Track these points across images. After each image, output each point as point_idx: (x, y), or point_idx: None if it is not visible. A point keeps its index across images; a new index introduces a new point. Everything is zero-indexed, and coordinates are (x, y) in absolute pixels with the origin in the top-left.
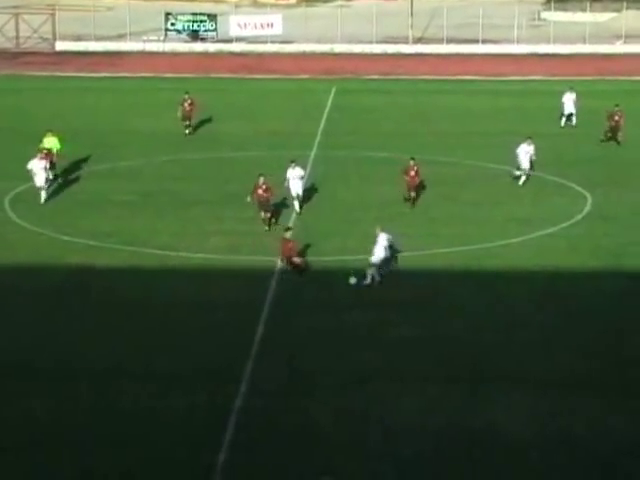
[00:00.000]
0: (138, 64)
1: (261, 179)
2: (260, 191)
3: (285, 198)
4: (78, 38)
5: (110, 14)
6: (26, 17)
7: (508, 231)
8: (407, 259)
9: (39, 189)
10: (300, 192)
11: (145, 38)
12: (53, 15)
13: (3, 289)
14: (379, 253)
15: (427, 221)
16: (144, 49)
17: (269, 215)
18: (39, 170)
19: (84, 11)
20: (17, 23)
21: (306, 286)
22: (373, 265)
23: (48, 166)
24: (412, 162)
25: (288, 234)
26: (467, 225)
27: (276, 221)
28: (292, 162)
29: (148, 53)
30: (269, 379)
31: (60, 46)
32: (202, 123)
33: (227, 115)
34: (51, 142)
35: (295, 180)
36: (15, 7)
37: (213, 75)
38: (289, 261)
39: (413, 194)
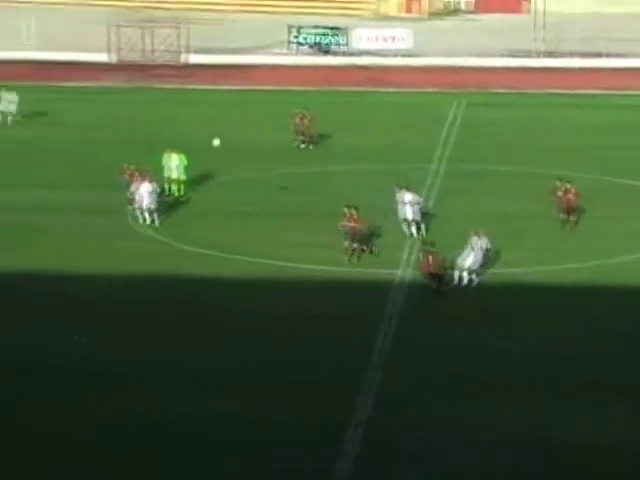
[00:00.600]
0: (263, 77)
1: (349, 210)
2: (349, 222)
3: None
4: (207, 51)
5: (237, 27)
6: (157, 31)
7: (632, 247)
8: (537, 273)
9: (149, 211)
10: (416, 217)
11: (271, 51)
12: (183, 28)
13: (129, 299)
14: (469, 256)
15: (554, 236)
16: (269, 62)
17: (356, 246)
18: (147, 194)
19: (212, 24)
20: (148, 36)
21: (425, 299)
22: (464, 268)
23: (158, 190)
24: (559, 183)
25: (429, 247)
26: (594, 239)
27: (372, 251)
28: (401, 186)
29: (273, 66)
30: (390, 391)
31: (189, 59)
32: (326, 136)
33: (351, 128)
34: (174, 161)
35: (406, 205)
36: (145, 21)
37: (338, 88)
38: (429, 275)
39: (569, 217)
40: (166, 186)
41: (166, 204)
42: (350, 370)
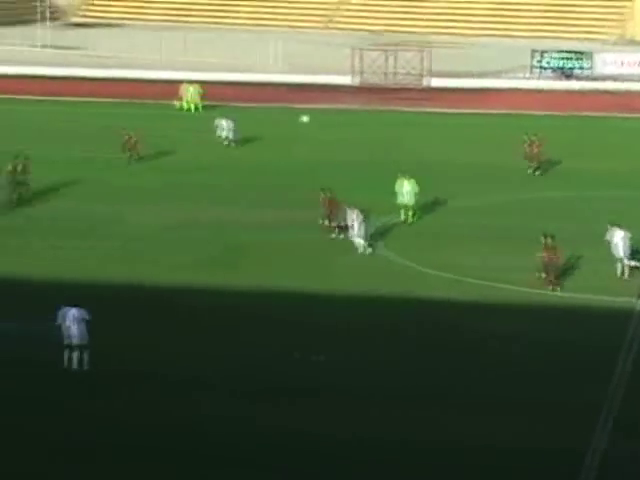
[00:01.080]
0: (504, 100)
1: (546, 239)
2: (545, 251)
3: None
4: (448, 75)
5: (479, 51)
6: (400, 54)
7: None
8: None
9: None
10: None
11: (513, 75)
12: (425, 52)
13: (364, 322)
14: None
15: None
16: (510, 86)
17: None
18: (357, 224)
19: (455, 48)
20: (391, 60)
21: None
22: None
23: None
24: None
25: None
26: None
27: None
28: (614, 225)
29: (514, 90)
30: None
31: (431, 82)
32: (560, 160)
33: (592, 153)
34: (406, 187)
35: (617, 243)
36: (389, 44)
37: (581, 113)
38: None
39: None
40: (401, 212)
41: (401, 226)
42: (587, 394)
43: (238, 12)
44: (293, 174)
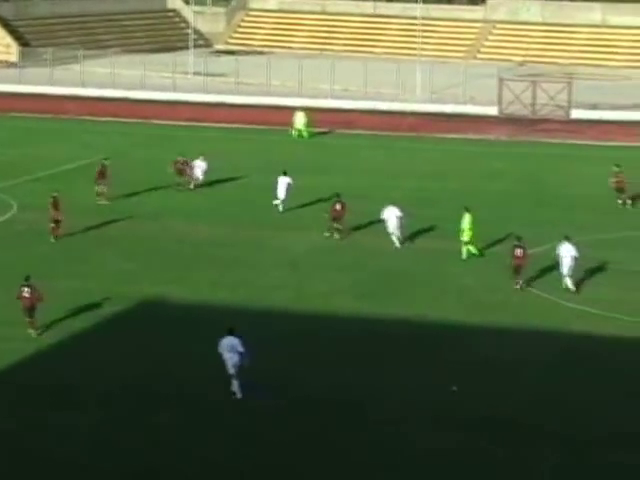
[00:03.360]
0: None
1: None
2: None
3: None
4: (593, 107)
5: (626, 83)
6: (544, 85)
7: None
8: None
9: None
10: None
11: None
12: (570, 83)
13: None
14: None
15: None
16: None
17: None
18: None
19: (600, 80)
20: (534, 91)
21: None
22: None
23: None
24: None
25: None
26: None
27: None
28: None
29: None
30: None
31: (575, 114)
32: None
33: None
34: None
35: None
36: (533, 75)
37: None
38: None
39: None
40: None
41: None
42: None
43: (383, 41)
44: (434, 203)
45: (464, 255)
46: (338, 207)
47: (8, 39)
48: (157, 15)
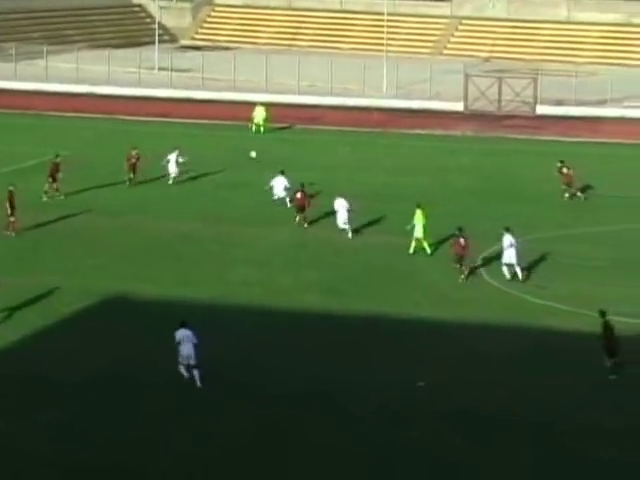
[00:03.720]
0: (617, 130)
1: None
2: None
3: None
4: (558, 102)
5: (591, 79)
6: (509, 81)
7: None
8: None
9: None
10: None
11: (627, 104)
12: (535, 79)
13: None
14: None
15: None
16: (624, 115)
17: None
18: None
19: (566, 76)
20: (500, 87)
21: None
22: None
23: None
24: None
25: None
26: None
27: None
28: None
29: (629, 119)
30: None
31: (541, 110)
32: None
33: None
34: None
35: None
36: (499, 71)
37: None
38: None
39: None
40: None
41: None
42: None
43: (350, 37)
44: (400, 199)
45: (411, 250)
46: (299, 195)
47: None
48: (123, 10)
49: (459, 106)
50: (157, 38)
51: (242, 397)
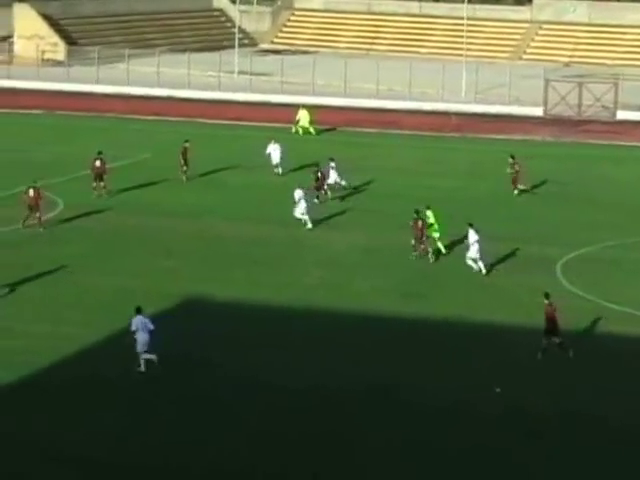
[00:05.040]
0: None
1: None
2: None
3: None
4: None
5: None
6: (590, 86)
7: None
8: None
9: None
10: None
11: None
12: (616, 84)
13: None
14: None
15: None
16: None
17: None
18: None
19: None
20: (580, 92)
21: None
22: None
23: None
24: None
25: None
26: None
27: None
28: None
29: None
30: None
31: (621, 115)
32: None
33: None
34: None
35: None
36: (579, 76)
37: None
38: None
39: None
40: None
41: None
42: None
43: (429, 42)
44: (476, 205)
45: (443, 250)
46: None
47: (56, 38)
48: (203, 14)
49: (538, 111)
50: (237, 42)
51: (317, 399)
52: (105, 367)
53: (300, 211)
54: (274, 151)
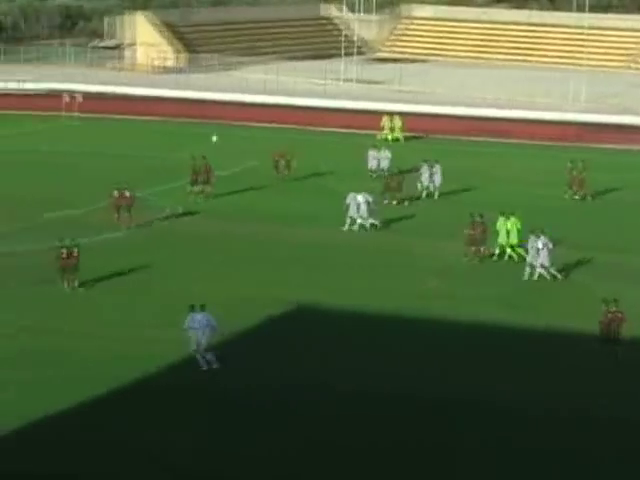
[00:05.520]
0: None
1: None
2: None
3: None
4: None
5: None
6: None
7: None
8: None
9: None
10: None
11: None
12: None
13: None
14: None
15: None
16: None
17: None
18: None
19: None
20: None
21: None
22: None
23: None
24: None
25: None
26: None
27: None
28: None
29: None
30: None
31: None
32: None
33: None
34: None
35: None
36: None
37: None
38: None
39: None
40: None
41: None
42: None
43: (541, 50)
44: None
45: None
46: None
47: (176, 45)
48: (311, 22)
49: None
50: (355, 50)
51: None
52: (213, 373)
53: (361, 215)
54: (384, 159)
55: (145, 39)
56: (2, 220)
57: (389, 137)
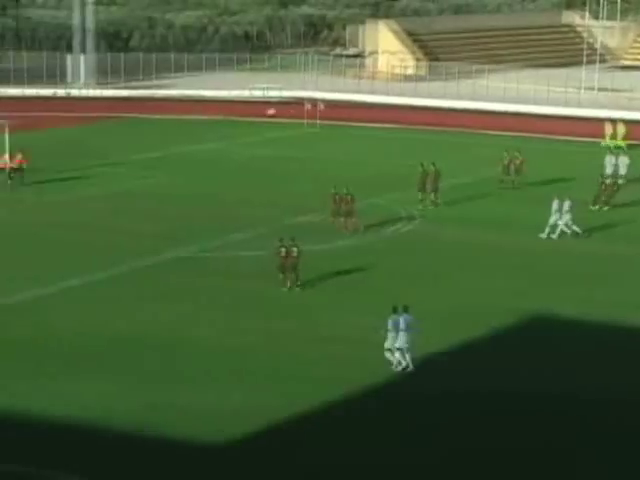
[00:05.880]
0: None
1: None
2: None
3: None
4: None
5: None
6: None
7: None
8: None
9: None
10: None
11: None
12: None
13: None
14: None
15: None
16: None
17: None
18: None
19: None
20: None
21: None
22: None
23: None
24: None
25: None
26: None
27: None
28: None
29: None
30: None
31: None
32: None
33: None
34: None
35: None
36: None
37: None
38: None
39: None
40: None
41: None
42: None
43: None
44: None
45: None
46: None
47: (416, 53)
48: (552, 30)
49: None
50: (598, 57)
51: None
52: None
53: (564, 222)
54: (622, 165)
55: (386, 47)
56: (243, 226)
57: (610, 144)
